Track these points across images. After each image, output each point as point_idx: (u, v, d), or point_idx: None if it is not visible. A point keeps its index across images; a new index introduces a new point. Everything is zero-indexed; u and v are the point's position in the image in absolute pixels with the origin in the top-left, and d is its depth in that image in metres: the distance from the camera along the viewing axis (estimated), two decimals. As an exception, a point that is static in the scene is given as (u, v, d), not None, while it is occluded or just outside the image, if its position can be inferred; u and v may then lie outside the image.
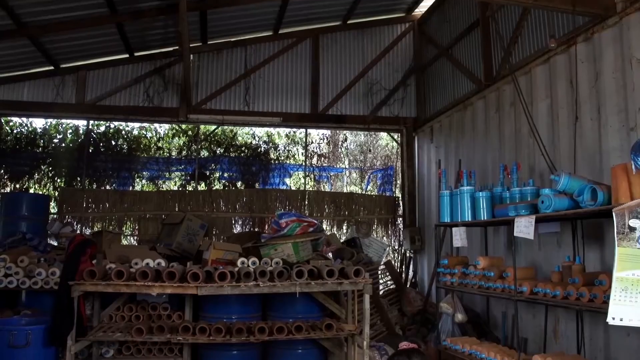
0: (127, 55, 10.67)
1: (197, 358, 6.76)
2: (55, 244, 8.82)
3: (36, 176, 11.26)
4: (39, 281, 6.57)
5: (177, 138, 12.29)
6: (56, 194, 11.02)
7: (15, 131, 11.29)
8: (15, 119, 11.25)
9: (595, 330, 5.57)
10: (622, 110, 5.43)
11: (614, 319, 3.43)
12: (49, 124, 11.43)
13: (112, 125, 11.59)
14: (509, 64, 7.55)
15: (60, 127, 11.47)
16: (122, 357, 6.46)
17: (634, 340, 5.04)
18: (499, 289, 5.80)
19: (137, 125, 11.82)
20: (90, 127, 11.28)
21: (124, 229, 10.69)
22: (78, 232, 9.84)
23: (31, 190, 11.10)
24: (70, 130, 11.51)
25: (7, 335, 5.22)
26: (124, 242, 10.39)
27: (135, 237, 10.74)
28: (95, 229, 10.33)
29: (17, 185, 11.05)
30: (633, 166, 3.85)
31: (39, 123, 11.45)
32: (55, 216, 10.32)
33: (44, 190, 11.24)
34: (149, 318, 6.51)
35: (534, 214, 5.13)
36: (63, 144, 11.43)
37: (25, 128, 11.35)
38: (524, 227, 5.16)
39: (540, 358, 4.95)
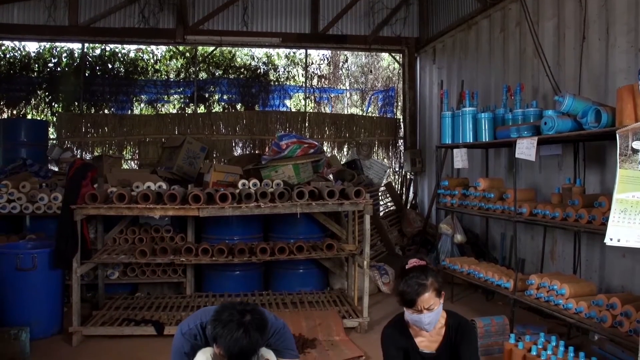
0: (119, -27, 10.28)
1: (201, 279, 6.94)
2: (56, 169, 8.84)
3: (33, 102, 11.12)
4: (42, 206, 6.64)
5: (174, 60, 12.06)
6: (54, 119, 10.93)
7: (7, 55, 11.05)
8: (7, 43, 10.97)
9: (592, 251, 5.65)
10: (632, 30, 5.25)
11: (611, 239, 3.45)
12: (42, 47, 11.17)
13: (107, 48, 11.32)
14: (515, -20, 7.27)
15: (54, 51, 11.21)
16: (127, 278, 6.65)
17: (629, 261, 5.12)
18: (499, 210, 5.84)
19: (133, 47, 11.53)
20: (85, 50, 11.02)
21: (124, 153, 10.68)
22: (78, 157, 9.84)
23: (29, 116, 11.01)
24: (65, 54, 11.26)
25: (14, 258, 5.31)
26: (125, 166, 10.41)
27: (135, 161, 10.74)
28: (96, 153, 10.32)
29: (14, 112, 10.93)
30: (640, 87, 3.77)
31: (32, 47, 11.20)
32: (54, 142, 10.29)
33: (42, 116, 11.14)
34: (152, 240, 6.63)
35: (537, 135, 5.08)
36: (58, 69, 11.21)
37: (19, 52, 11.10)
38: (526, 148, 5.12)
39: (537, 278, 5.05)
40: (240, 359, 2.86)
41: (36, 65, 11.14)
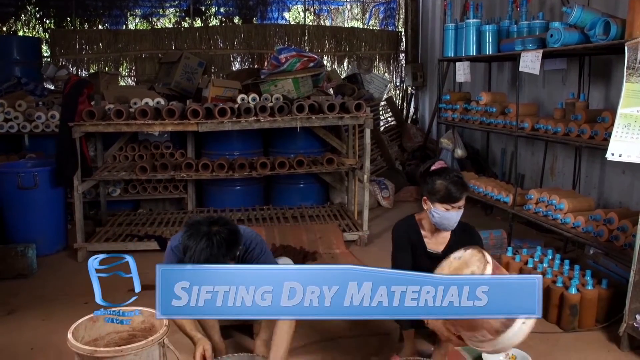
0: None
1: (202, 194, 7.00)
2: (52, 87, 8.69)
3: (23, 18, 10.75)
4: (40, 125, 6.60)
5: (168, -29, 11.60)
6: (47, 36, 10.62)
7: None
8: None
9: (592, 167, 5.64)
10: None
11: (613, 154, 3.44)
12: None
13: (97, -42, 10.85)
14: None
15: (41, -39, 10.75)
16: (128, 195, 6.72)
17: (628, 177, 5.13)
18: (500, 125, 5.80)
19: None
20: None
21: (120, 69, 10.46)
22: (73, 74, 9.65)
23: (20, 33, 10.68)
24: (53, -35, 10.80)
25: (16, 177, 5.34)
26: (122, 83, 10.22)
27: (132, 78, 10.57)
28: (91, 71, 10.11)
29: (4, 29, 10.60)
30: (652, -4, 3.62)
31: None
32: (48, 59, 10.05)
33: (33, 33, 10.80)
34: (152, 157, 6.64)
35: (542, 48, 4.96)
36: (47, -19, 10.78)
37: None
38: (530, 62, 5.01)
39: (536, 192, 5.07)
40: None
41: (23, -22, 10.71)
